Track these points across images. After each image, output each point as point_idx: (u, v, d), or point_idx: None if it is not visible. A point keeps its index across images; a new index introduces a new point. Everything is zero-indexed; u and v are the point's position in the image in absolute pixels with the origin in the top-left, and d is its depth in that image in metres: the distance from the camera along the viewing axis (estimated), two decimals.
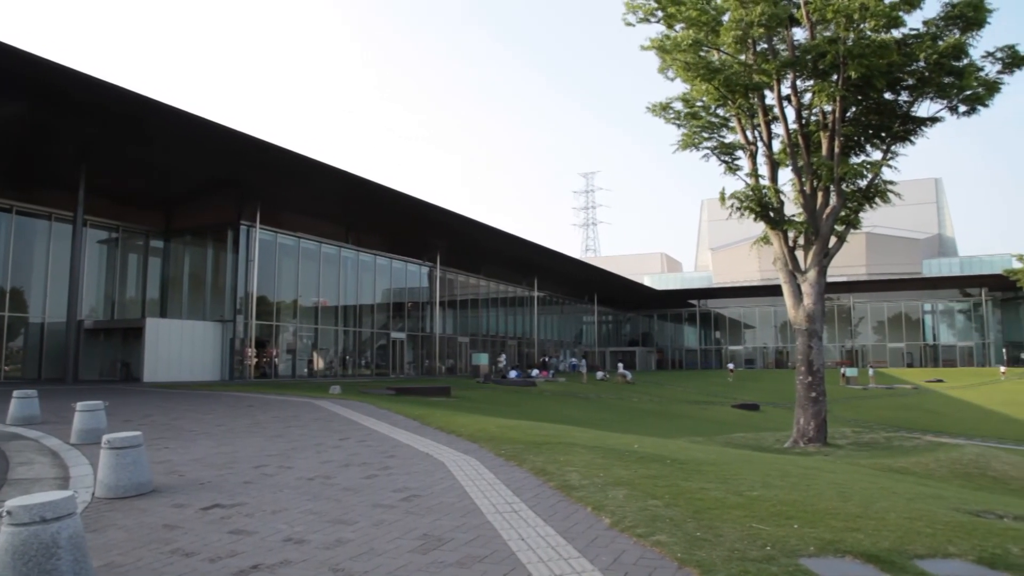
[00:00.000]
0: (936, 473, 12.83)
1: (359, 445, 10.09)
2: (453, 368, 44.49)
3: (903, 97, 17.31)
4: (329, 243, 34.64)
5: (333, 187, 29.74)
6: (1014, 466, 14.36)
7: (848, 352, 67.87)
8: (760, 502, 6.05)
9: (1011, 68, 16.53)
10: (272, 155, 24.63)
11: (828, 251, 17.63)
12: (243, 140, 22.96)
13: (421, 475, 7.60)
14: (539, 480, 7.09)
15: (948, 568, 4.35)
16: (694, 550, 4.46)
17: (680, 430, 22.00)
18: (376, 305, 38.83)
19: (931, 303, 68.38)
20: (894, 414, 37.26)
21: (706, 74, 16.66)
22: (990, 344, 65.08)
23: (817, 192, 17.57)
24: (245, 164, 26.69)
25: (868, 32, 15.77)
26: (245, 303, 29.52)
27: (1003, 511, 6.67)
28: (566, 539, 4.90)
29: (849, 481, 8.46)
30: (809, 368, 17.11)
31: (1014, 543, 4.98)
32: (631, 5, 17.71)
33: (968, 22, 16.05)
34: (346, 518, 5.67)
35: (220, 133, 22.35)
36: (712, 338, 75.92)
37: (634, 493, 6.23)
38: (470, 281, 48.20)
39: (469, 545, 4.82)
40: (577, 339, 67.49)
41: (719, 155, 18.91)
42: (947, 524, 5.51)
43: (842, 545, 4.68)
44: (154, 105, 20.05)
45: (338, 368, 35.61)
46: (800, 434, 16.94)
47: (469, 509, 5.91)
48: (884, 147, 17.88)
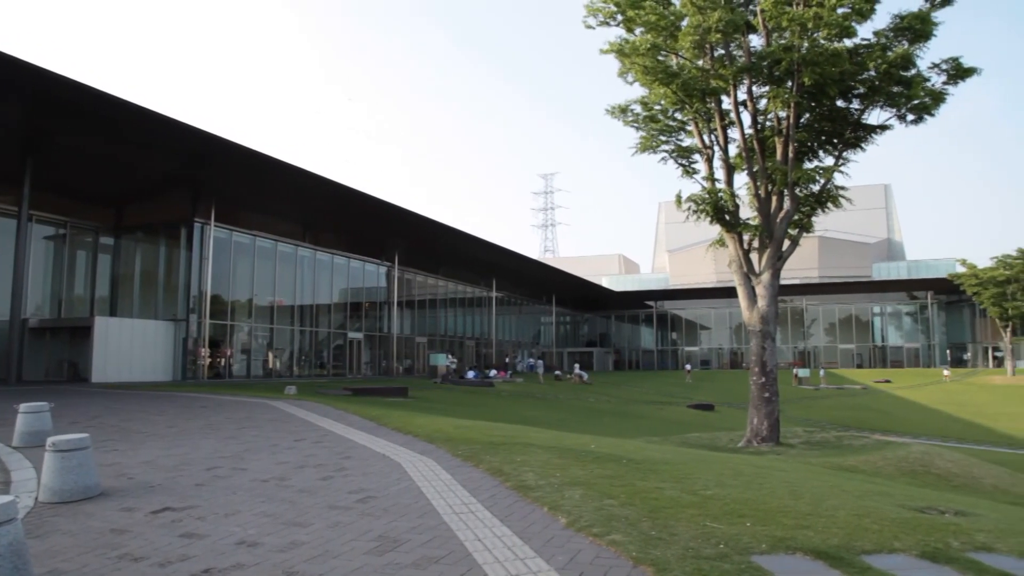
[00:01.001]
0: (883, 471, 13.16)
1: (315, 446, 9.98)
2: (411, 368, 44.26)
3: (855, 105, 17.72)
4: (286, 242, 34.18)
5: (290, 185, 29.34)
6: (956, 463, 14.82)
7: (801, 353, 69.28)
8: (714, 501, 6.14)
9: (955, 79, 17.07)
10: (227, 152, 24.19)
11: (782, 254, 17.96)
12: (197, 136, 22.48)
13: (377, 476, 7.55)
14: (496, 480, 7.09)
15: (893, 562, 4.47)
16: (649, 549, 4.50)
17: (636, 430, 22.20)
18: (333, 305, 38.45)
19: (880, 306, 70.22)
20: (844, 414, 38.13)
21: (664, 78, 16.84)
22: (935, 346, 67.07)
23: (771, 196, 17.89)
24: (200, 160, 26.18)
25: (821, 41, 16.11)
26: (199, 302, 28.97)
27: (945, 507, 6.87)
28: (522, 539, 4.91)
29: (800, 480, 8.63)
30: (763, 369, 17.41)
31: (955, 537, 5.14)
32: (591, 8, 17.82)
33: (916, 34, 16.51)
34: (301, 520, 5.60)
35: (173, 128, 21.83)
36: (668, 339, 76.82)
37: (590, 493, 6.27)
38: (428, 281, 48.01)
39: (425, 546, 4.80)
40: (535, 340, 67.67)
41: (677, 158, 19.13)
42: (893, 520, 5.66)
43: (793, 542, 4.77)
44: (102, 97, 19.41)
45: (294, 368, 35.16)
46: (753, 434, 17.22)
47: (425, 510, 5.89)
48: (836, 153, 18.27)
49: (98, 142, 23.74)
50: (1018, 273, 51.94)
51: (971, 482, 13.33)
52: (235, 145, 23.45)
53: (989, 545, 4.99)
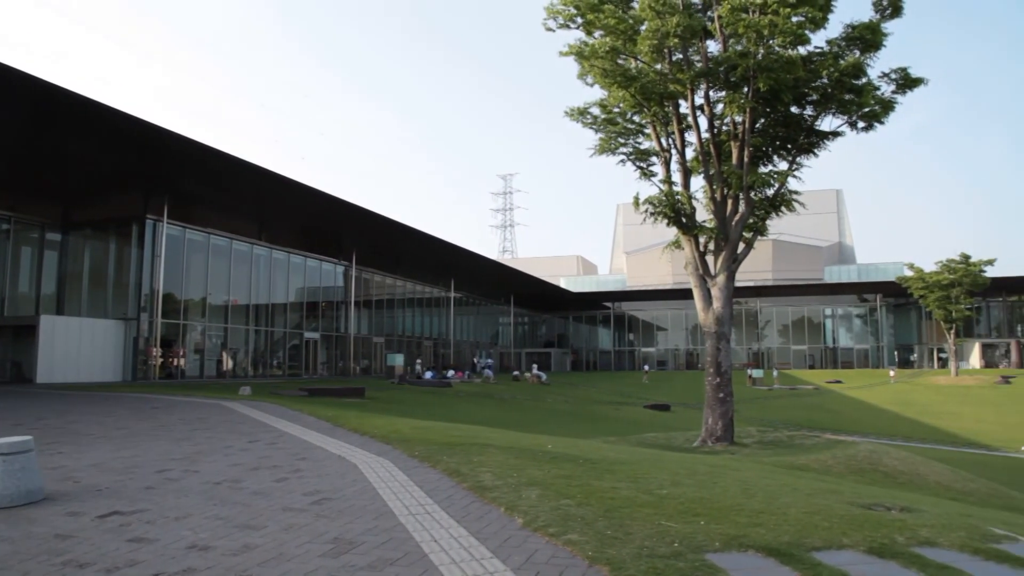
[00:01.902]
0: (833, 469, 13.45)
1: (269, 448, 9.85)
2: (368, 369, 43.92)
3: (808, 111, 18.09)
4: (241, 240, 33.62)
5: (245, 182, 28.89)
6: (902, 461, 15.23)
7: (755, 354, 70.47)
8: (669, 500, 6.21)
9: (904, 89, 17.59)
10: (180, 147, 23.65)
11: (737, 256, 18.25)
12: (148, 130, 21.88)
13: (333, 477, 7.48)
14: (453, 481, 7.08)
15: (841, 558, 4.58)
16: (605, 548, 4.53)
17: (593, 430, 22.36)
18: (289, 304, 37.95)
19: (831, 308, 71.82)
20: (796, 414, 38.91)
21: (623, 81, 16.99)
22: (883, 347, 68.82)
23: (727, 199, 18.17)
24: (151, 156, 25.57)
25: (776, 48, 16.42)
26: (150, 301, 28.34)
27: (891, 504, 7.06)
28: (479, 540, 4.90)
29: (754, 478, 8.78)
30: (718, 369, 17.67)
31: (900, 533, 5.29)
32: (552, 10, 17.89)
33: (867, 44, 16.95)
34: (254, 523, 5.51)
35: (123, 121, 21.20)
36: (626, 340, 77.47)
37: (547, 493, 6.30)
38: (386, 281, 47.69)
39: (381, 548, 4.77)
40: (493, 340, 67.68)
41: (634, 161, 19.32)
42: (842, 517, 5.79)
43: (746, 540, 4.85)
44: (45, 87, 18.67)
45: (249, 369, 34.62)
46: (708, 433, 17.47)
47: (382, 511, 5.85)
48: (790, 158, 18.63)
49: (42, 135, 23.02)
50: (961, 277, 53.60)
51: (916, 479, 13.72)
52: (188, 140, 22.95)
53: (932, 540, 5.15)
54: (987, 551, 4.95)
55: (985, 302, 66.31)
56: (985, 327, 69.19)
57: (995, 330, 69.26)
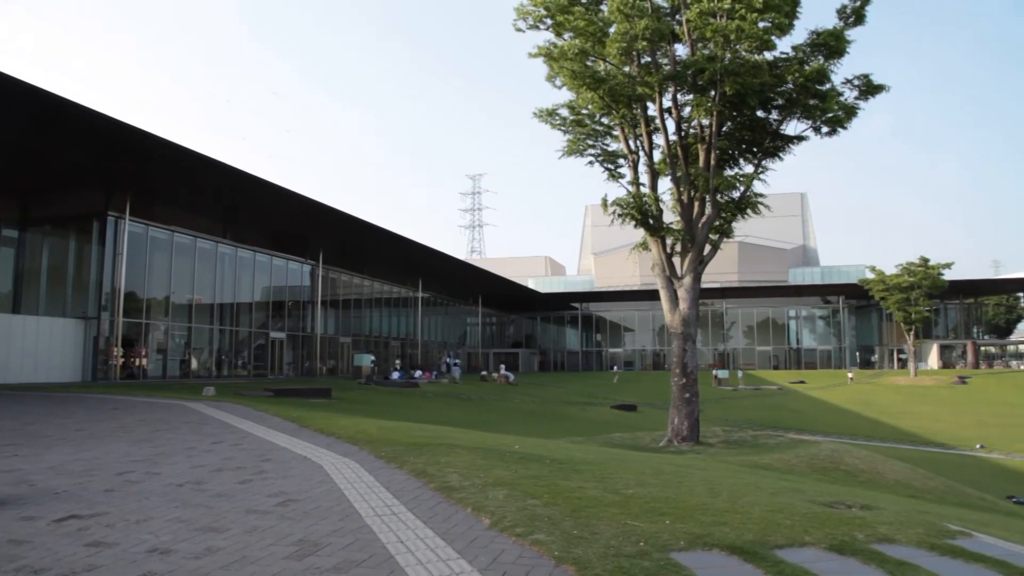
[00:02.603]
0: (796, 468, 13.65)
1: (233, 449, 9.71)
2: (335, 369, 43.55)
3: (773, 116, 18.37)
4: (205, 238, 33.09)
5: (209, 179, 28.44)
6: (863, 460, 15.51)
7: (720, 355, 71.23)
8: (635, 500, 6.25)
9: (866, 95, 17.94)
10: (141, 142, 23.15)
11: (703, 258, 18.44)
12: (109, 124, 21.35)
13: (298, 479, 7.40)
14: (419, 482, 7.05)
15: (803, 556, 4.65)
16: (571, 548, 4.55)
17: (561, 430, 22.43)
18: (255, 303, 37.47)
19: (795, 309, 72.90)
20: (761, 414, 39.45)
21: (592, 83, 17.08)
22: (845, 348, 70.02)
23: (694, 201, 18.36)
24: (112, 151, 25.02)
25: (743, 52, 16.64)
26: (111, 299, 27.76)
27: (852, 501, 7.18)
28: (445, 540, 4.89)
29: (718, 478, 8.87)
30: (684, 370, 17.83)
31: (860, 530, 5.39)
32: (521, 11, 17.92)
33: (831, 50, 17.26)
34: (217, 525, 5.43)
35: (83, 115, 20.65)
36: (593, 340, 77.81)
37: (514, 493, 6.30)
38: (353, 281, 47.32)
39: (346, 549, 4.73)
40: (461, 340, 67.54)
41: (603, 162, 19.43)
42: (804, 515, 5.88)
43: (710, 539, 4.90)
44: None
45: (213, 369, 34.10)
46: (674, 433, 17.62)
47: (347, 512, 5.80)
48: (756, 161, 18.90)
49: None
50: (920, 280, 54.77)
51: (876, 477, 13.97)
52: (150, 135, 22.45)
53: (890, 536, 5.26)
54: (943, 547, 5.08)
55: (943, 304, 67.87)
56: (943, 329, 70.82)
57: (952, 332, 70.92)
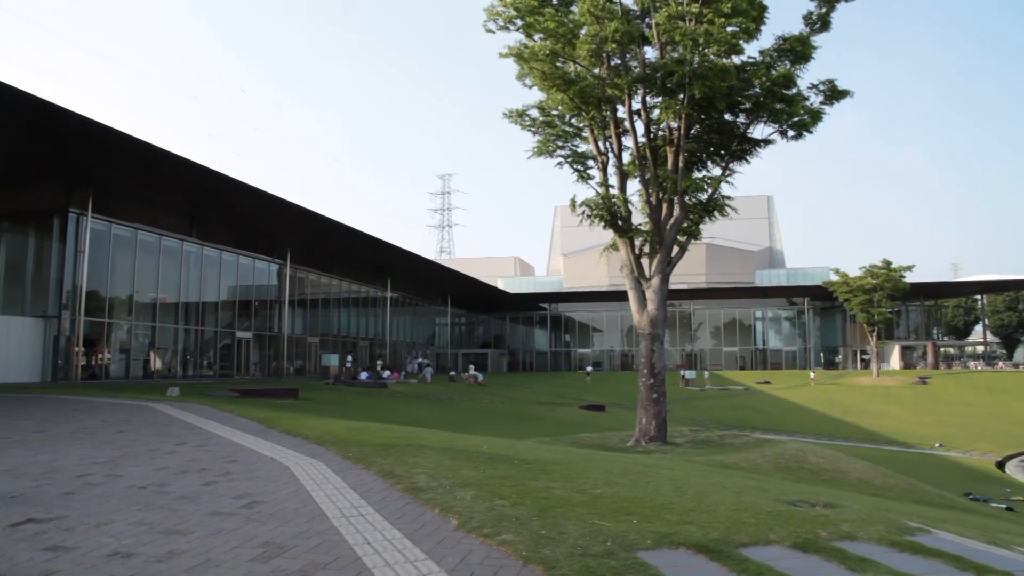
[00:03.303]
0: (761, 467, 13.83)
1: (198, 450, 9.58)
2: (302, 369, 43.15)
3: (741, 119, 18.57)
4: (170, 236, 32.58)
5: (174, 176, 27.97)
6: (826, 459, 15.76)
7: (688, 355, 71.89)
8: (602, 499, 6.29)
9: (831, 100, 18.23)
10: (104, 137, 22.61)
11: (671, 259, 18.60)
12: (70, 119, 20.86)
13: (264, 480, 7.33)
14: (387, 483, 7.02)
15: (768, 554, 4.72)
16: (538, 548, 4.56)
17: (529, 431, 22.47)
18: (221, 303, 36.96)
19: (762, 310, 73.81)
20: (727, 413, 39.91)
21: (562, 84, 17.13)
22: (810, 349, 71.10)
23: (662, 203, 18.50)
24: (73, 146, 24.47)
25: (711, 56, 16.81)
26: (72, 298, 27.20)
27: (815, 500, 7.30)
28: (413, 541, 4.87)
29: (685, 477, 8.96)
30: (651, 370, 17.96)
31: (823, 528, 5.48)
32: (492, 12, 17.91)
33: (797, 55, 17.51)
34: (181, 528, 5.35)
35: (42, 109, 20.12)
36: (562, 341, 78.04)
37: (482, 494, 6.30)
38: (322, 280, 46.92)
39: (313, 551, 4.69)
40: (430, 340, 67.31)
41: (572, 163, 19.48)
42: (769, 514, 5.97)
43: (676, 537, 4.95)
44: None
45: (178, 369, 33.59)
46: (642, 433, 17.74)
47: (314, 514, 5.76)
48: (723, 164, 19.10)
49: None
50: (883, 282, 55.78)
51: (839, 476, 14.21)
52: (112, 131, 21.94)
53: (852, 534, 5.36)
54: (902, 543, 5.20)
55: (904, 306, 69.22)
56: (904, 330, 72.26)
57: (913, 333, 72.41)
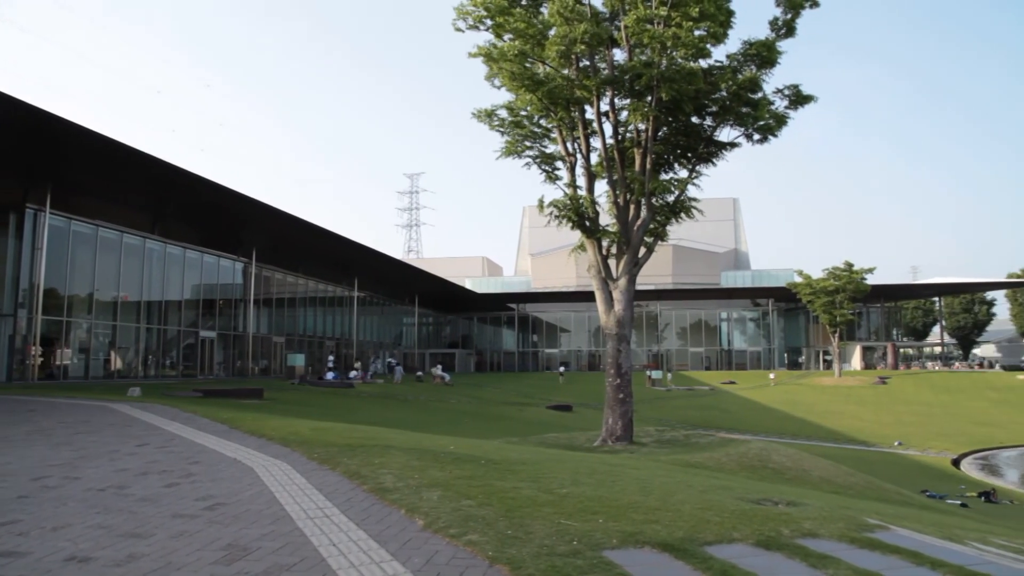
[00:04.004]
0: (726, 466, 13.99)
1: (159, 451, 9.42)
2: (267, 369, 42.66)
3: (708, 122, 18.77)
4: (133, 233, 31.96)
5: (136, 172, 27.43)
6: (789, 458, 15.99)
7: (654, 356, 72.45)
8: (569, 499, 6.31)
9: (796, 105, 18.52)
10: (63, 131, 22.07)
11: (638, 260, 18.73)
12: (28, 112, 20.32)
13: (228, 482, 7.23)
14: (353, 483, 6.97)
15: (732, 552, 4.77)
16: (505, 548, 4.56)
17: (496, 431, 22.47)
18: (184, 301, 36.37)
19: (727, 311, 74.73)
20: (693, 413, 40.31)
21: (531, 85, 17.16)
22: (774, 349, 72.14)
23: (630, 205, 18.63)
24: (31, 140, 23.87)
25: (679, 59, 16.97)
26: (30, 296, 26.55)
27: (778, 498, 7.41)
28: (379, 542, 4.84)
29: (651, 476, 9.03)
30: (618, 371, 18.07)
31: (785, 526, 5.56)
32: (461, 11, 17.88)
33: (763, 60, 17.76)
34: (141, 531, 5.25)
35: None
36: (530, 341, 78.15)
37: (448, 494, 6.28)
38: (288, 279, 46.41)
39: (277, 553, 4.64)
40: (397, 340, 66.98)
41: (540, 164, 19.53)
42: (733, 512, 6.04)
43: (642, 536, 4.98)
44: None
45: (139, 369, 32.99)
46: (609, 433, 17.84)
47: (278, 516, 5.69)
48: (690, 166, 19.29)
49: None
50: (845, 284, 56.77)
51: (801, 475, 14.42)
52: (72, 124, 21.41)
53: (814, 531, 5.45)
54: (862, 540, 5.30)
55: (865, 308, 70.53)
56: (865, 331, 73.64)
57: (874, 334, 73.83)
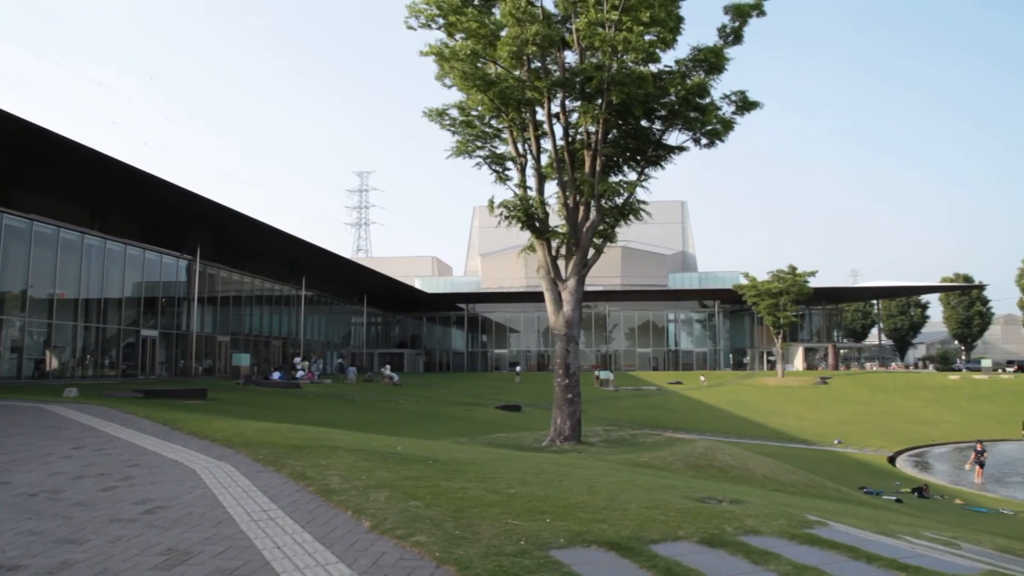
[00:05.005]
0: (672, 466, 14.19)
1: (97, 454, 9.14)
2: (211, 369, 41.73)
3: (657, 126, 19.03)
4: (70, 228, 30.89)
5: (74, 164, 26.57)
6: (734, 457, 16.30)
7: (603, 356, 73.08)
8: (517, 499, 6.32)
9: (742, 111, 18.91)
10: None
11: (587, 262, 18.88)
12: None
13: (168, 484, 7.05)
14: (298, 485, 6.87)
15: (677, 549, 4.85)
16: (452, 548, 4.55)
17: (445, 431, 22.40)
18: (125, 299, 35.31)
19: (674, 313, 75.81)
20: (640, 413, 40.76)
21: (482, 85, 17.16)
22: (720, 350, 73.46)
23: (579, 206, 18.77)
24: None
25: (629, 63, 17.17)
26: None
27: (722, 497, 7.55)
28: (324, 545, 4.78)
29: (598, 476, 9.11)
30: (567, 371, 18.19)
31: (728, 523, 5.67)
32: (414, 9, 17.79)
33: (711, 66, 18.08)
34: (76, 537, 5.09)
35: None
36: (479, 341, 78.09)
37: (396, 495, 6.24)
38: (233, 277, 45.47)
39: (219, 557, 4.54)
40: (345, 340, 66.25)
41: (491, 164, 19.55)
42: (678, 511, 6.13)
43: (589, 535, 5.02)
44: None
45: (77, 369, 31.93)
46: (557, 433, 17.94)
47: (221, 519, 5.58)
48: (639, 169, 19.53)
49: None
50: (788, 286, 58.13)
51: (745, 473, 14.71)
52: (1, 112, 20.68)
53: (756, 528, 5.57)
54: (802, 536, 5.45)
55: (808, 310, 72.33)
56: (808, 332, 75.54)
57: (816, 335, 75.81)
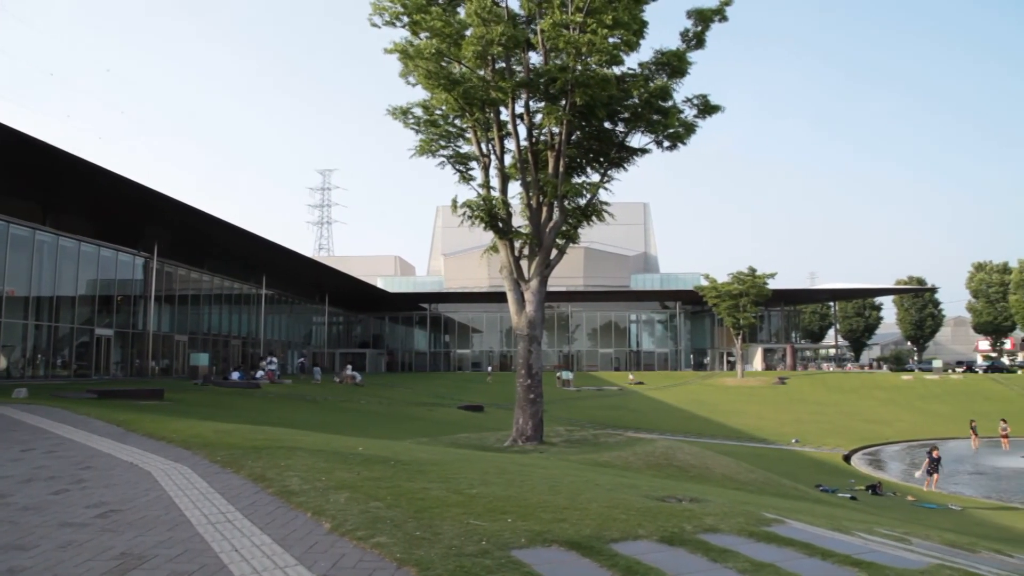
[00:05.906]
0: (633, 465, 14.31)
1: (47, 456, 8.91)
2: (168, 369, 40.95)
3: (620, 128, 19.17)
4: (20, 224, 30.06)
5: (23, 158, 25.82)
6: (693, 456, 16.51)
7: (565, 357, 73.37)
8: (478, 499, 6.32)
9: (704, 114, 19.13)
10: None
11: (550, 262, 18.95)
12: None
13: (123, 487, 6.91)
14: (257, 487, 6.78)
15: (637, 548, 4.89)
16: (413, 549, 4.53)
17: (407, 431, 22.29)
18: (78, 297, 34.47)
19: (636, 313, 76.43)
20: (602, 413, 41.04)
21: (446, 84, 17.11)
22: (681, 351, 74.26)
23: (542, 207, 18.82)
24: None
25: (593, 65, 17.26)
26: None
27: (682, 495, 7.63)
28: (283, 547, 4.73)
29: (560, 476, 9.15)
30: (529, 371, 18.22)
31: (688, 522, 5.74)
32: (378, 7, 17.68)
33: (673, 70, 18.26)
34: (24, 542, 4.95)
35: None
36: (442, 341, 77.87)
37: (356, 496, 6.19)
38: (192, 275, 44.70)
39: (175, 562, 4.46)
40: (307, 340, 65.55)
41: (454, 164, 19.51)
42: (639, 510, 6.18)
43: (550, 535, 5.04)
44: None
45: (27, 369, 31.08)
46: (519, 433, 17.96)
47: (177, 521, 5.48)
48: (602, 171, 19.66)
49: None
50: (748, 288, 59.00)
51: (705, 472, 14.91)
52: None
53: (715, 527, 5.64)
54: (760, 534, 5.53)
55: (767, 311, 73.48)
56: (767, 333, 76.77)
57: (775, 336, 77.08)
